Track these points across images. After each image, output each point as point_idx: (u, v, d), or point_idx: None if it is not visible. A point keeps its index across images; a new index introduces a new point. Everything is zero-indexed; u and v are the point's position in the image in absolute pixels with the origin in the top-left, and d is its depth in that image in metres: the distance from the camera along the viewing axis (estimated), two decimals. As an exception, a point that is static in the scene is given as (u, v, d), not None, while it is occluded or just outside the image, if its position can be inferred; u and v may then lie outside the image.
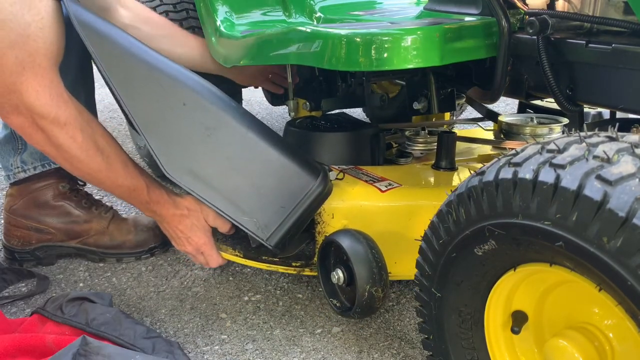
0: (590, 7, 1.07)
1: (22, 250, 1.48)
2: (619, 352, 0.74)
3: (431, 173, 1.41)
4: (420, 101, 1.48)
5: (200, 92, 1.16)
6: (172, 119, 1.14)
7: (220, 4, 1.62)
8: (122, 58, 1.13)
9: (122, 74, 1.13)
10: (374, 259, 1.10)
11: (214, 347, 1.17)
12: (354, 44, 1.08)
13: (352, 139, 1.49)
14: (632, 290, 0.60)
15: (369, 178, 1.31)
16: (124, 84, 1.14)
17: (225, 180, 1.16)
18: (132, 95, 1.14)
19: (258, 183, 1.16)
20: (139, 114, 1.13)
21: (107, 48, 1.13)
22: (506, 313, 0.85)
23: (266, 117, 2.98)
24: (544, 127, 1.42)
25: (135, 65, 1.14)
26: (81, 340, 0.95)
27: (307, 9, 1.58)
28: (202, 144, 1.15)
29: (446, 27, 1.10)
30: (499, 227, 0.73)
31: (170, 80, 1.15)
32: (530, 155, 0.72)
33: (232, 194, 1.15)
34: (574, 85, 1.06)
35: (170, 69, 1.17)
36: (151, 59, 1.16)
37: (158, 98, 1.14)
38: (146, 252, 1.51)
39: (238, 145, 1.16)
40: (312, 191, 1.16)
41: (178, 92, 1.14)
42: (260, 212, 1.16)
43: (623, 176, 0.62)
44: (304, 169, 1.18)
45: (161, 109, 1.14)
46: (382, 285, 1.09)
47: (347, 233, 1.15)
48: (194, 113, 1.14)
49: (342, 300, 1.17)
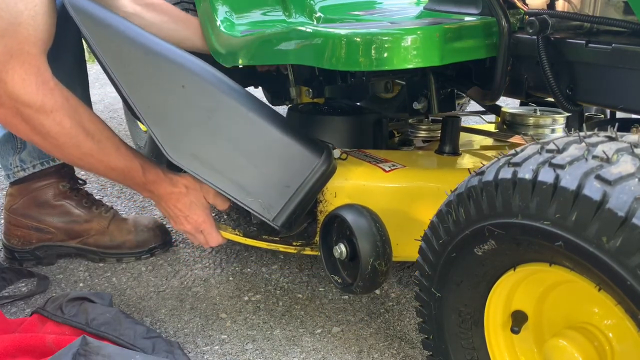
0: (590, 7, 1.07)
1: (22, 249, 1.48)
2: (618, 352, 0.74)
3: (434, 157, 1.40)
4: (420, 101, 1.48)
5: (200, 74, 1.15)
6: (172, 102, 1.13)
7: (220, 3, 1.62)
8: (118, 43, 1.12)
9: (119, 59, 1.12)
10: (378, 232, 1.08)
11: (214, 347, 1.17)
12: (354, 44, 1.08)
13: (356, 123, 1.48)
14: (632, 290, 0.60)
15: (373, 159, 1.30)
16: (122, 70, 1.13)
17: (229, 161, 1.15)
18: (130, 81, 1.13)
19: (261, 163, 1.15)
20: (139, 99, 1.12)
21: (103, 34, 1.12)
22: (506, 313, 0.85)
23: (266, 117, 2.98)
24: (547, 118, 1.42)
25: (132, 50, 1.13)
26: (81, 340, 0.95)
27: (307, 8, 1.58)
28: (204, 126, 1.13)
29: (446, 27, 1.10)
30: (499, 227, 0.73)
31: (168, 63, 1.13)
32: (529, 155, 0.72)
33: (236, 176, 1.14)
34: (574, 85, 1.06)
35: (168, 51, 1.16)
36: (148, 43, 1.15)
37: (157, 82, 1.13)
38: (146, 252, 1.51)
39: (240, 126, 1.14)
40: (316, 169, 1.15)
41: (177, 74, 1.13)
42: (265, 193, 1.14)
43: (622, 176, 0.62)
44: (307, 147, 1.16)
45: (160, 93, 1.12)
46: (385, 259, 1.07)
47: (351, 207, 1.13)
48: (193, 95, 1.13)
49: (343, 276, 1.15)
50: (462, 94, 1.70)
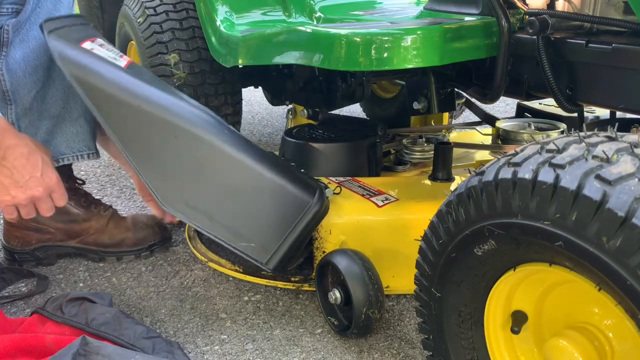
0: (590, 7, 1.07)
1: (22, 250, 1.48)
2: (618, 352, 0.74)
3: (428, 185, 1.42)
4: (420, 101, 1.48)
5: (191, 121, 1.16)
6: (164, 153, 1.15)
7: (220, 3, 1.62)
8: (107, 95, 1.14)
9: (111, 111, 1.14)
10: (370, 281, 1.11)
11: (214, 347, 1.17)
12: (354, 44, 1.08)
13: (349, 150, 1.49)
14: (632, 290, 0.60)
15: (366, 192, 1.32)
16: (114, 122, 1.15)
17: (221, 208, 1.17)
18: (123, 132, 1.15)
19: (253, 207, 1.17)
20: (132, 151, 1.14)
21: (94, 85, 1.13)
22: (506, 313, 0.85)
23: (266, 117, 2.98)
24: (541, 134, 1.43)
25: (123, 101, 1.14)
26: (81, 340, 0.95)
27: (307, 8, 1.58)
28: (195, 174, 1.16)
29: (446, 27, 1.10)
30: (499, 227, 0.73)
31: (160, 112, 1.15)
32: (529, 155, 0.72)
33: (228, 221, 1.16)
34: (574, 85, 1.06)
35: (161, 99, 1.17)
36: (139, 91, 1.17)
37: (149, 133, 1.14)
38: (145, 250, 1.51)
39: (230, 172, 1.16)
40: (308, 211, 1.16)
41: (169, 125, 1.14)
42: (258, 236, 1.16)
43: (622, 176, 0.62)
44: (299, 188, 1.18)
45: (153, 144, 1.15)
46: (378, 307, 1.11)
47: (344, 254, 1.16)
48: (185, 145, 1.15)
49: (340, 318, 1.18)
50: (462, 94, 1.70)
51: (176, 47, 1.74)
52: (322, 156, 1.48)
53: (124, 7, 1.93)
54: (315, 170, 1.47)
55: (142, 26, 1.78)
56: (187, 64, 1.74)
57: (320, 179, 1.33)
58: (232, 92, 1.85)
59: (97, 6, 2.43)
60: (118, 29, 2.11)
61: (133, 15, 1.83)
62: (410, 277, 0.93)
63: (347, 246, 1.24)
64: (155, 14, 1.77)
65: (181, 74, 1.74)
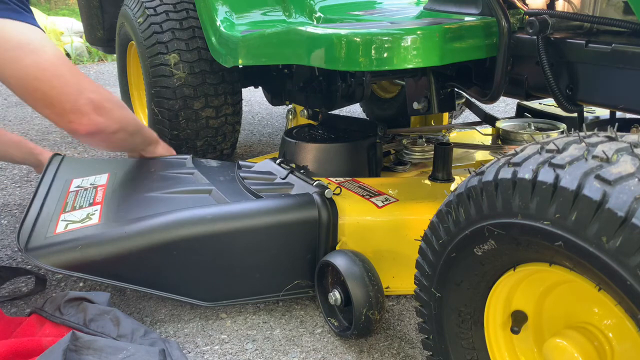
0: (590, 7, 1.07)
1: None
2: (618, 351, 0.74)
3: (428, 185, 1.42)
4: (420, 101, 1.48)
5: (186, 228, 1.18)
6: (173, 270, 1.18)
7: (220, 4, 1.62)
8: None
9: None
10: (370, 282, 1.11)
11: (214, 347, 1.17)
12: (354, 44, 1.08)
13: (350, 150, 1.50)
14: (632, 290, 0.60)
15: (366, 192, 1.32)
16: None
17: (250, 280, 1.23)
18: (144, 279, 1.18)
19: (273, 260, 1.23)
20: (148, 283, 1.17)
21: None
22: (506, 313, 0.85)
23: (266, 117, 2.98)
24: (541, 134, 1.43)
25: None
26: (71, 336, 0.94)
27: (307, 9, 1.58)
28: (212, 270, 1.20)
29: (446, 27, 1.10)
30: (499, 227, 0.73)
31: (155, 237, 1.17)
32: (529, 155, 0.72)
33: (263, 287, 1.24)
34: (574, 85, 1.06)
35: (154, 224, 1.19)
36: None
37: (149, 260, 1.17)
38: None
39: (242, 246, 1.21)
40: (318, 221, 1.22)
41: (165, 247, 1.16)
42: (296, 276, 1.24)
43: (622, 176, 0.62)
44: (299, 211, 1.22)
45: (157, 267, 1.17)
46: (378, 307, 1.11)
47: (344, 255, 1.16)
48: (188, 255, 1.18)
49: (340, 319, 1.19)
50: (462, 94, 1.70)
51: (176, 47, 1.74)
52: (322, 156, 1.48)
53: (124, 7, 1.93)
54: (316, 171, 1.48)
55: (142, 26, 1.78)
56: (187, 64, 1.74)
57: (320, 179, 1.33)
58: (232, 92, 1.85)
59: (97, 6, 2.43)
60: (118, 29, 2.11)
61: (133, 15, 1.83)
62: (411, 278, 0.93)
63: (347, 247, 1.24)
64: (155, 14, 1.77)
65: (181, 74, 1.74)
